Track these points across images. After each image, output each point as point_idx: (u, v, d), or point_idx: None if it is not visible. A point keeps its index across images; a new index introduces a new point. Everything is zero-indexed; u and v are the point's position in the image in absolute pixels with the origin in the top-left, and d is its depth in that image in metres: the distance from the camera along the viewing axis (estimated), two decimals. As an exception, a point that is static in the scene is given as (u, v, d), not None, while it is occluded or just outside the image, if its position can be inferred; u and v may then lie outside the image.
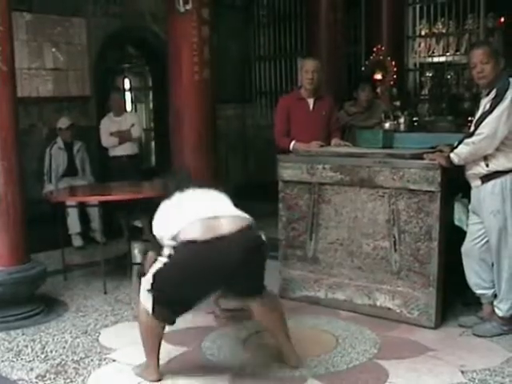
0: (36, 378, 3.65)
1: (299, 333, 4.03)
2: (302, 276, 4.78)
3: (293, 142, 5.23)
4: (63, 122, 7.02)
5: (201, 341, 4.08)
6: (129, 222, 6.77)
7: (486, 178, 3.95)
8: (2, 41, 4.34)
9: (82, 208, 6.70)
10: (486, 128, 3.85)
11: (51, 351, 4.02)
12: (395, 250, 4.30)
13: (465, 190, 4.14)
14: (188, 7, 5.50)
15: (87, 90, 7.77)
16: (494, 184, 3.92)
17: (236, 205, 3.56)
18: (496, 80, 3.94)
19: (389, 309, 4.36)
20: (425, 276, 4.19)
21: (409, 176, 4.17)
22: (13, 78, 4.50)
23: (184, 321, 4.15)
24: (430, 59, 9.03)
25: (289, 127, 5.38)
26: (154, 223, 3.53)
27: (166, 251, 3.30)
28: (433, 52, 8.96)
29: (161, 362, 3.73)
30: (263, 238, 3.41)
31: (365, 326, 4.25)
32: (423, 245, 4.18)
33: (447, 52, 8.82)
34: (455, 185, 4.17)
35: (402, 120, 6.46)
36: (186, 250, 3.24)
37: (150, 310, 3.37)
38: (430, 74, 8.90)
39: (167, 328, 3.62)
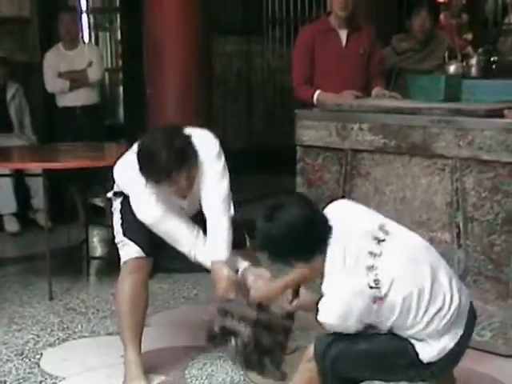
0: None
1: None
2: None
3: (317, 92, 5.24)
4: (-10, 56, 7.05)
5: (186, 366, 4.09)
6: (86, 200, 6.82)
7: None
8: None
9: (19, 179, 6.72)
10: None
11: (-29, 380, 4.04)
12: (459, 246, 4.31)
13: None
14: None
15: (25, 10, 7.72)
16: None
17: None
18: None
19: (449, 328, 4.38)
20: (502, 283, 4.19)
21: (481, 141, 4.16)
22: None
23: (168, 339, 4.25)
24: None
25: (313, 71, 5.39)
26: None
27: None
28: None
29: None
30: None
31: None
32: (500, 239, 4.18)
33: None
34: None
35: (474, 61, 6.42)
36: None
37: None
38: (519, -6, 8.87)
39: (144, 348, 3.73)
